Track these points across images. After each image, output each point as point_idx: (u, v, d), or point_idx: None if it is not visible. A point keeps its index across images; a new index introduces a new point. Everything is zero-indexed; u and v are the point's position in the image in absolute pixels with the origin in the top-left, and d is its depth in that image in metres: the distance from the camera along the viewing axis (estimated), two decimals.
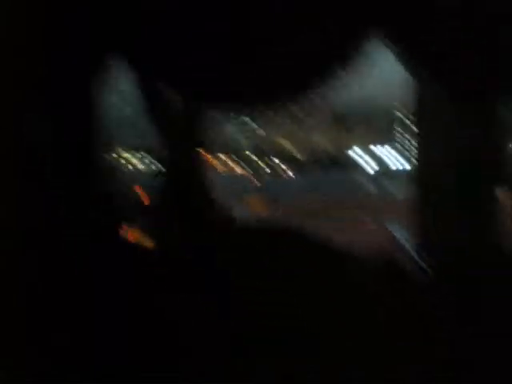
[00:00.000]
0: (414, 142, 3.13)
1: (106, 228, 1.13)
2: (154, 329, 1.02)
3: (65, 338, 1.00)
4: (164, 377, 0.99)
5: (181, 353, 1.01)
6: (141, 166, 1.49)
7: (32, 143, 1.07)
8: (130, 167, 1.48)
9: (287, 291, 1.10)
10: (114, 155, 1.30)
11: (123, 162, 1.43)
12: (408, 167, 4.28)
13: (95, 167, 1.13)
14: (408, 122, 3.95)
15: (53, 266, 1.05)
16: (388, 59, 1.55)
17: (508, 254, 2.60)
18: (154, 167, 1.48)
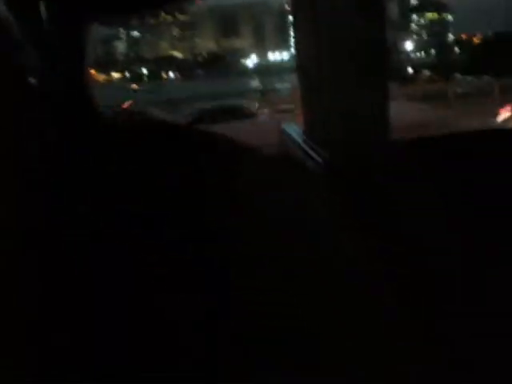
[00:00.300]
0: (300, 37, 3.15)
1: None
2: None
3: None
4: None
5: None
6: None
7: None
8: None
9: (178, 198, 1.03)
10: None
11: None
12: (294, 62, 4.29)
13: None
14: (293, 17, 3.88)
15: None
16: None
17: (392, 142, 2.62)
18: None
